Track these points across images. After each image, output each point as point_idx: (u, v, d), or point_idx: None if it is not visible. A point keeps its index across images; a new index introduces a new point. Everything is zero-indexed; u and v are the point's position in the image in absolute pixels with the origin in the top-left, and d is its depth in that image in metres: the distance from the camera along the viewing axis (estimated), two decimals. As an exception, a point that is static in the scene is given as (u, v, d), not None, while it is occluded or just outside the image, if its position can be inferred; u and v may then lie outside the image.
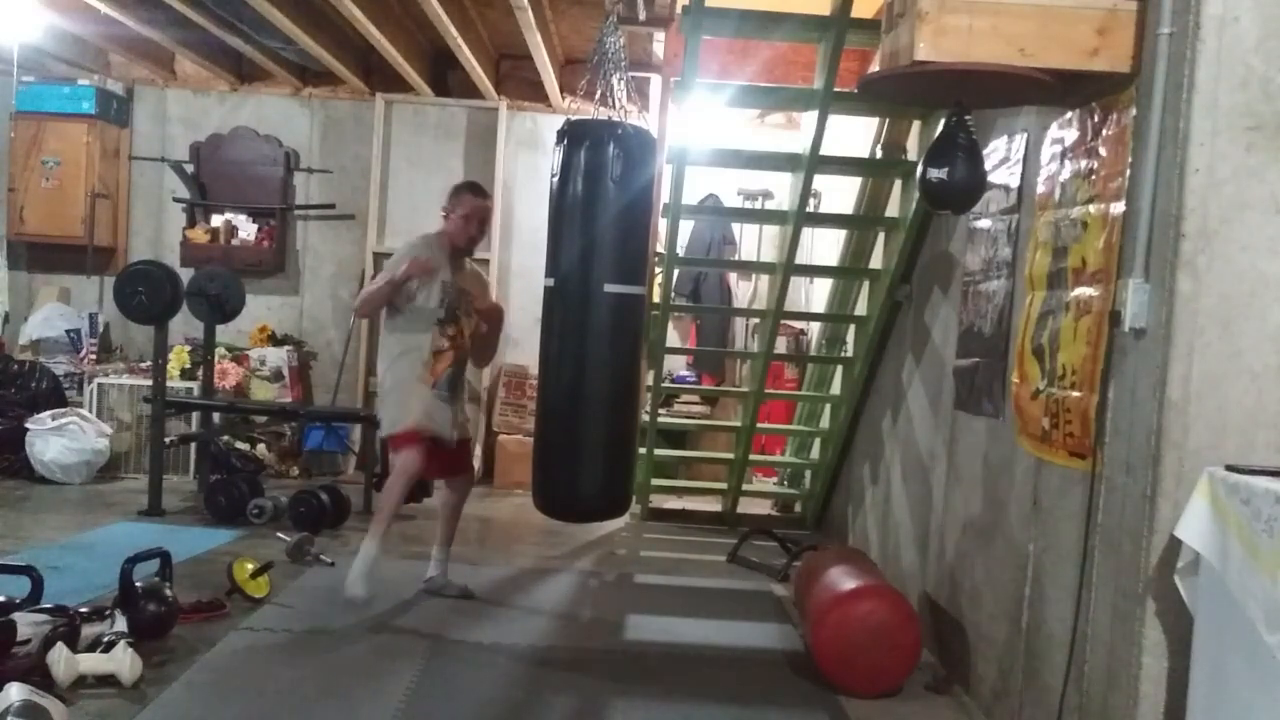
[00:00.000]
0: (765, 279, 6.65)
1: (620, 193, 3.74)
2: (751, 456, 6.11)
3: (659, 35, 6.28)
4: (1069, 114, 3.01)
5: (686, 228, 7.01)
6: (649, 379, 5.60)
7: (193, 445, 6.44)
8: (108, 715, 3.02)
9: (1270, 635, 1.93)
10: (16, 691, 2.75)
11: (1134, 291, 2.45)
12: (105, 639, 3.29)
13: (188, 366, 6.83)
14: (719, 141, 5.99)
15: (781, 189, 6.59)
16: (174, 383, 6.44)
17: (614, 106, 4.02)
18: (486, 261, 7.27)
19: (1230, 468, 2.20)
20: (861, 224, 5.54)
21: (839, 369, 5.97)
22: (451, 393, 4.29)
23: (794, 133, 6.87)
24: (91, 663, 3.18)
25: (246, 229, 7.45)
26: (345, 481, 6.62)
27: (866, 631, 3.54)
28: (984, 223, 3.74)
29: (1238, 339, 2.35)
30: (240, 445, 6.82)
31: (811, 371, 6.58)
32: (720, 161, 5.82)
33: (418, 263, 4.12)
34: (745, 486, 6.30)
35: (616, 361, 3.85)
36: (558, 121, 4.03)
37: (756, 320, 6.72)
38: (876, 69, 3.10)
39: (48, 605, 3.43)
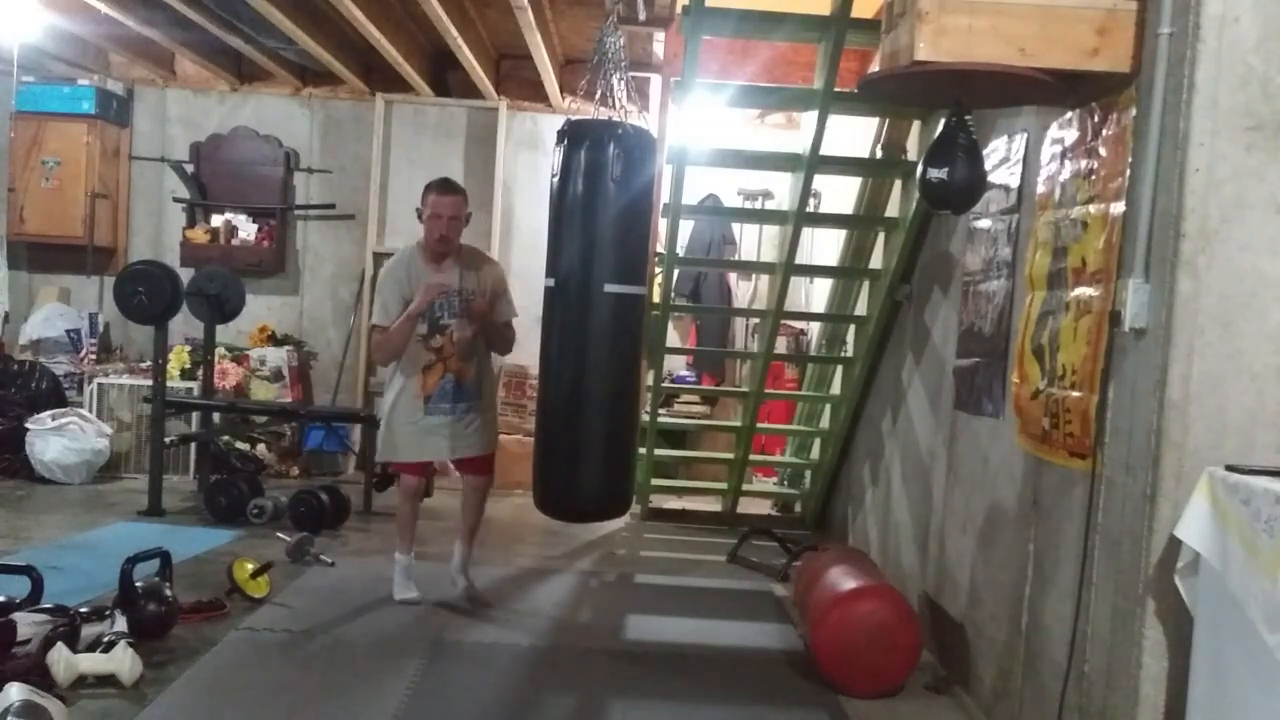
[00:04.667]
0: (765, 279, 6.65)
1: (620, 193, 3.74)
2: (751, 456, 6.11)
3: (659, 35, 6.28)
4: (1069, 114, 3.01)
5: (686, 228, 7.01)
6: (649, 379, 5.60)
7: (193, 445, 6.44)
8: (108, 715, 3.02)
9: (1270, 635, 1.93)
10: (16, 691, 2.75)
11: (1134, 291, 2.45)
12: (105, 639, 3.29)
13: (188, 366, 6.83)
14: (719, 141, 5.99)
15: (781, 189, 6.59)
16: (174, 383, 6.44)
17: (614, 106, 4.01)
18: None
19: (1230, 468, 2.20)
20: (861, 224, 5.54)
21: (839, 369, 5.96)
22: (454, 403, 4.18)
23: (794, 133, 6.87)
24: (91, 663, 3.18)
25: (246, 229, 7.44)
26: (345, 481, 6.62)
27: (866, 631, 3.54)
28: (984, 223, 3.74)
29: (1238, 339, 2.35)
30: (240, 445, 6.82)
31: (811, 371, 6.57)
32: (720, 161, 5.82)
33: (432, 288, 4.08)
34: (745, 486, 6.30)
35: (616, 361, 3.84)
36: (558, 121, 4.03)
37: (756, 320, 6.71)
38: (876, 69, 3.10)
39: (48, 605, 3.43)
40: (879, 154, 5.34)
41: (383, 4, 5.88)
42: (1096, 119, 2.82)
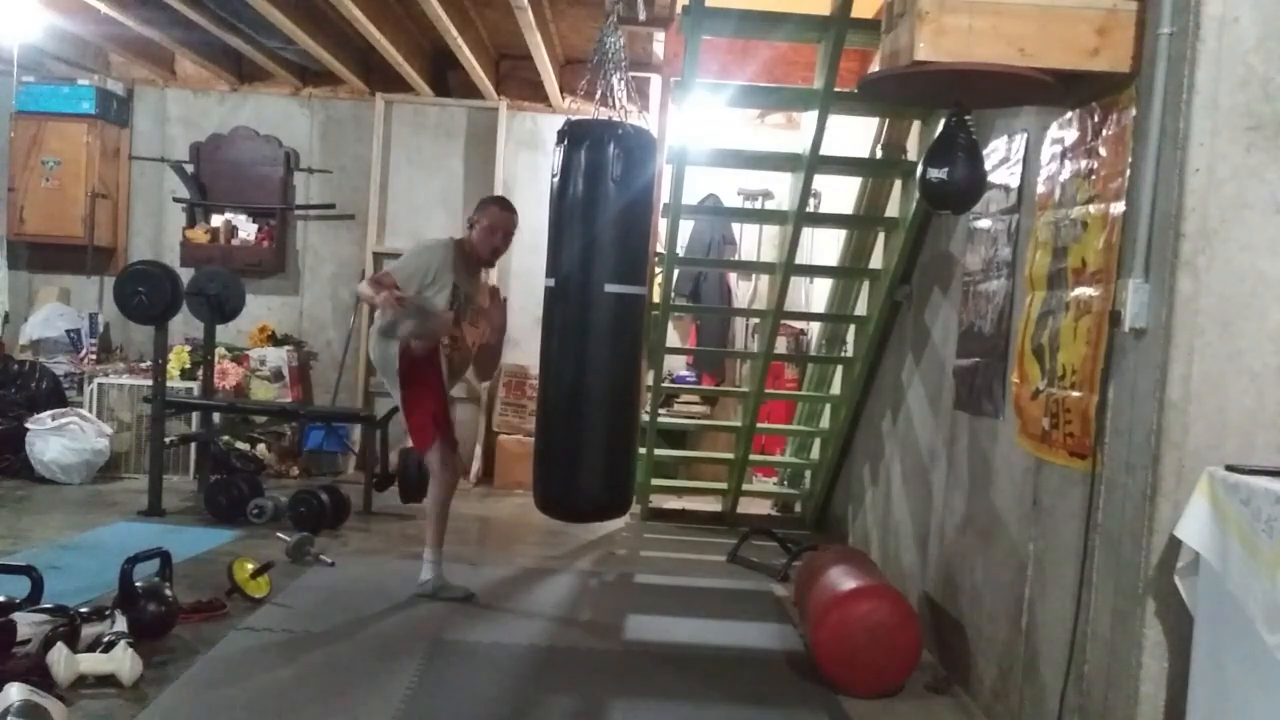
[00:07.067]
0: (765, 279, 6.65)
1: (620, 193, 3.74)
2: (751, 456, 6.11)
3: (659, 35, 6.28)
4: (1069, 114, 3.01)
5: (686, 228, 7.01)
6: (649, 379, 5.60)
7: (193, 445, 6.44)
8: (108, 715, 3.02)
9: (1270, 635, 1.93)
10: (16, 691, 2.75)
11: (1134, 291, 2.46)
12: (105, 639, 3.29)
13: (188, 366, 6.83)
14: (719, 141, 5.99)
15: (781, 189, 6.59)
16: (174, 383, 6.44)
17: (614, 106, 4.01)
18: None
19: (1230, 468, 2.20)
20: (861, 224, 5.54)
21: (839, 369, 5.97)
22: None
23: (794, 133, 6.87)
24: (91, 663, 3.18)
25: (246, 229, 7.44)
26: (345, 481, 6.62)
27: (866, 631, 3.54)
28: (984, 223, 3.74)
29: (1238, 339, 2.35)
30: (240, 445, 6.82)
31: (811, 371, 6.58)
32: (720, 161, 5.82)
33: (396, 298, 4.13)
34: (745, 486, 6.30)
35: (616, 361, 3.84)
36: (558, 121, 4.03)
37: (756, 320, 6.71)
38: (876, 69, 3.10)
39: (48, 605, 3.43)
40: (879, 154, 5.34)
41: (383, 4, 5.88)
42: (1096, 119, 2.82)
